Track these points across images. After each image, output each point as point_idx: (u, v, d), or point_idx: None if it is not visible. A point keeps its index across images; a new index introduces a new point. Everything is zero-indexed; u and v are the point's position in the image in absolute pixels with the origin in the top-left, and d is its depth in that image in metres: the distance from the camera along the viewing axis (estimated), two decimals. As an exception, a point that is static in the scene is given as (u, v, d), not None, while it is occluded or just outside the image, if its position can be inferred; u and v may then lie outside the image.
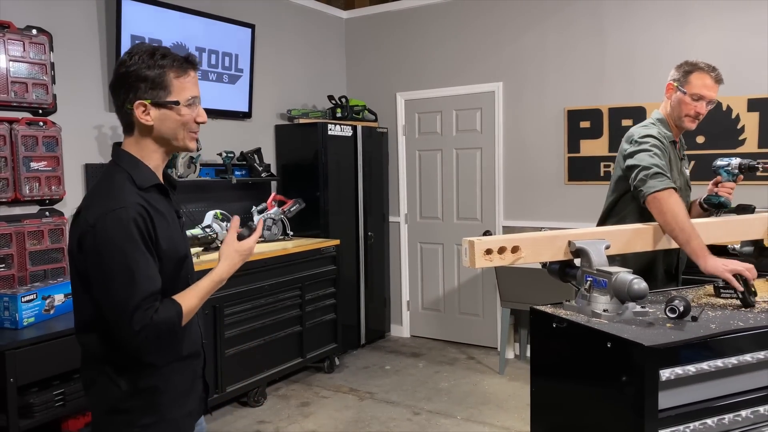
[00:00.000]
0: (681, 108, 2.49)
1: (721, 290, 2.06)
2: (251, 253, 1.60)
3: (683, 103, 2.49)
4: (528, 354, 4.82)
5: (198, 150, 3.97)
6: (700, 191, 2.75)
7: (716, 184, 2.54)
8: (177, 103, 1.50)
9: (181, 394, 1.57)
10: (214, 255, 3.52)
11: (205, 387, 1.69)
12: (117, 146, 1.57)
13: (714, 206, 2.50)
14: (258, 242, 4.34)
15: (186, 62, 1.52)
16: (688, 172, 2.69)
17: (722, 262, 2.06)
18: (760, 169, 2.48)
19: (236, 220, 1.55)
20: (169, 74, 1.49)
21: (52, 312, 2.98)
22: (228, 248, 1.57)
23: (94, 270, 1.42)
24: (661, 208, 2.23)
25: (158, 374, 1.51)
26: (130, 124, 1.53)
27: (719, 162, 2.54)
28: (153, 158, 1.55)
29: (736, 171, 2.49)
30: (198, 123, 1.55)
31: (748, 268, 2.03)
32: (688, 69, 2.49)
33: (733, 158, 2.51)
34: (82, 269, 1.46)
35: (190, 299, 1.49)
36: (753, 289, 1.99)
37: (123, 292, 1.38)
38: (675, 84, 2.51)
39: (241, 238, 1.56)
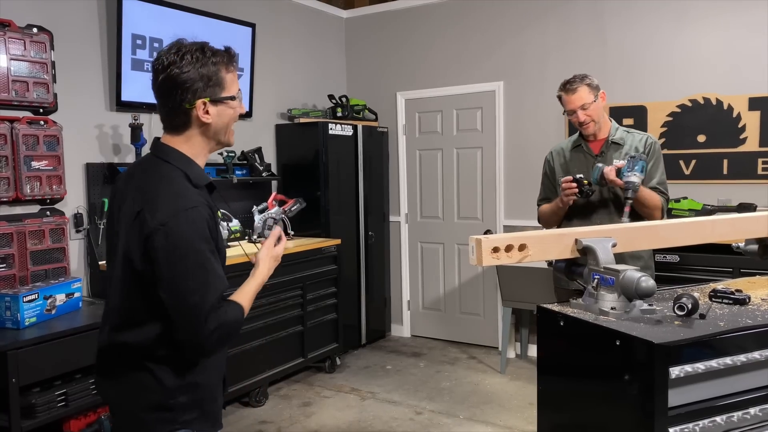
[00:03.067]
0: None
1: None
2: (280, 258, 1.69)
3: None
4: (529, 353, 4.82)
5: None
6: (700, 190, 2.75)
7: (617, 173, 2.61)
8: (233, 98, 1.54)
9: (215, 388, 1.60)
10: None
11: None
12: (161, 143, 1.56)
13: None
14: (257, 242, 4.35)
15: (230, 56, 1.54)
16: (618, 161, 2.66)
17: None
18: (588, 193, 2.65)
19: (278, 230, 1.65)
20: (222, 70, 1.51)
21: (53, 312, 2.97)
22: (265, 252, 1.63)
23: (165, 269, 1.39)
24: (542, 219, 2.92)
25: (200, 370, 1.53)
26: (185, 124, 1.52)
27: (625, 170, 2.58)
28: (202, 156, 1.57)
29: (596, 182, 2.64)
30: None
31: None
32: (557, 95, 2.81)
33: (635, 175, 2.54)
34: (140, 269, 1.43)
35: (244, 300, 1.52)
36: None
37: (198, 292, 1.38)
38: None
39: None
